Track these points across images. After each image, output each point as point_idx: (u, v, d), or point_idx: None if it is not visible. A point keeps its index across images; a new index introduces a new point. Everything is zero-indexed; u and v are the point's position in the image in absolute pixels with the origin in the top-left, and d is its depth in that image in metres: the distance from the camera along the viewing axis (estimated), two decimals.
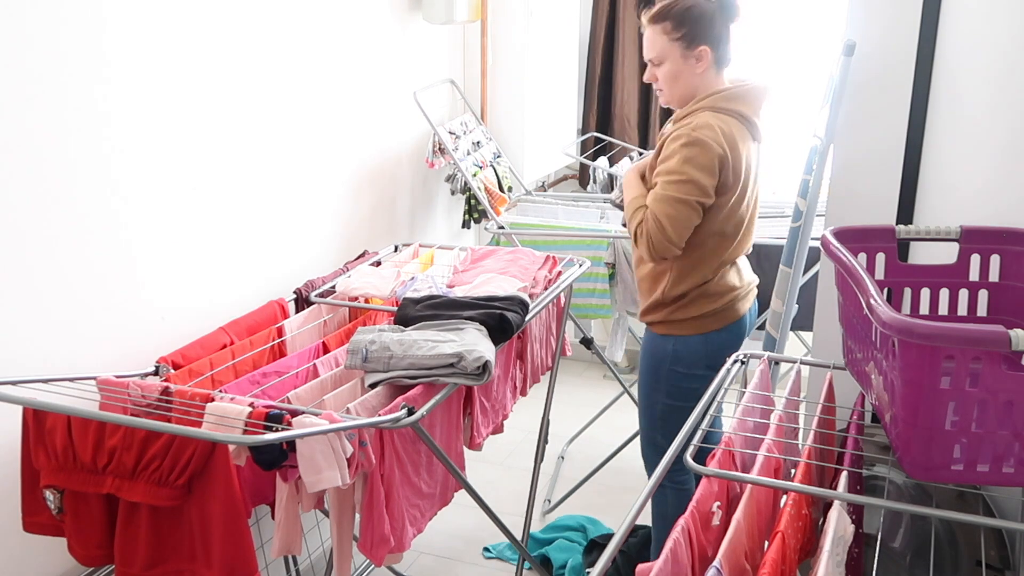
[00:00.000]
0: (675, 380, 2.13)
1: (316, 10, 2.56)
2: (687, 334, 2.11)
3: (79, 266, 1.87)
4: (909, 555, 1.50)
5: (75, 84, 1.81)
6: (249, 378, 1.92)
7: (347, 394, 1.85)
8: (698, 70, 2.01)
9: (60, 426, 1.57)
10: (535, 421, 2.56)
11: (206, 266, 2.21)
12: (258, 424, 1.53)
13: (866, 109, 1.88)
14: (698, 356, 2.11)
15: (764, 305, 2.40)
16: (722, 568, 1.05)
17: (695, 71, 2.01)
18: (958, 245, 1.43)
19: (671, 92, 2.06)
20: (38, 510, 1.66)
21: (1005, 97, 1.50)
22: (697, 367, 2.10)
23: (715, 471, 1.25)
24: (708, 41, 1.99)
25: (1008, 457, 1.12)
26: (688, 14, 1.98)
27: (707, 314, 2.09)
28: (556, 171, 3.98)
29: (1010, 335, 1.03)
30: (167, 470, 1.52)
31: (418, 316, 1.97)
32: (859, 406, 1.46)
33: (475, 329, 1.91)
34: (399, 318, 2.00)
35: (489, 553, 2.75)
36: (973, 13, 1.65)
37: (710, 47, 1.99)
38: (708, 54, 1.99)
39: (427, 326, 1.93)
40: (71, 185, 1.83)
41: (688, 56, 2.00)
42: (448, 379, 1.78)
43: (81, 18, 1.80)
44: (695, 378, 2.10)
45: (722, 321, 2.12)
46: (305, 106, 2.55)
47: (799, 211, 2.15)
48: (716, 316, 2.10)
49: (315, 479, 1.54)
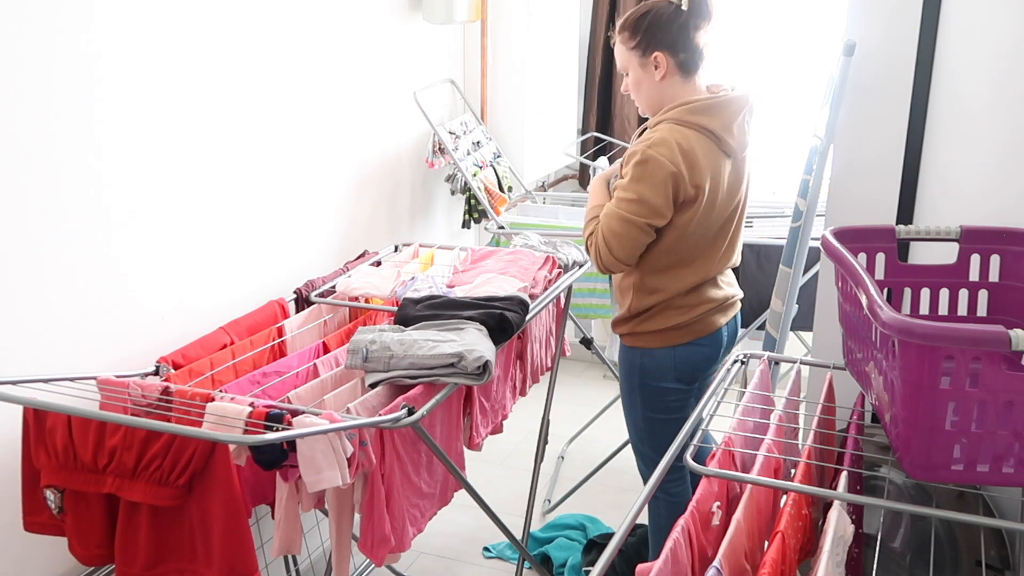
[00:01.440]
0: (648, 393, 2.10)
1: (316, 10, 2.56)
2: (653, 347, 2.07)
3: (79, 266, 1.87)
4: (909, 555, 1.50)
5: (75, 85, 1.81)
6: (249, 378, 1.92)
7: (347, 394, 1.85)
8: (657, 77, 1.97)
9: (61, 426, 1.57)
10: (535, 421, 2.56)
11: (206, 266, 2.21)
12: (258, 424, 1.53)
13: (866, 109, 1.88)
14: (666, 369, 2.07)
15: (764, 306, 2.40)
16: (722, 568, 1.05)
17: (655, 79, 1.97)
18: (958, 245, 1.43)
19: (638, 101, 2.05)
20: (38, 510, 1.66)
21: (1005, 97, 1.50)
22: (666, 379, 2.07)
23: (715, 471, 1.25)
24: (663, 47, 1.94)
25: (1008, 457, 1.12)
26: (641, 22, 1.96)
27: (673, 327, 2.04)
28: (556, 171, 3.98)
29: (1010, 335, 1.03)
30: (168, 470, 1.52)
31: (418, 316, 1.97)
32: (859, 406, 1.47)
33: (475, 329, 1.91)
34: (399, 318, 2.00)
35: (489, 553, 2.75)
36: (973, 13, 1.65)
37: (667, 53, 1.94)
38: (665, 60, 1.94)
39: (427, 326, 1.93)
40: (73, 185, 1.83)
41: (645, 64, 1.97)
42: (448, 379, 1.78)
43: (81, 21, 1.81)
44: (667, 391, 2.08)
45: (691, 334, 2.06)
46: (305, 106, 2.55)
47: (799, 211, 2.15)
48: (684, 329, 2.05)
49: (316, 479, 1.54)
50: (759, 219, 3.13)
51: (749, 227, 3.08)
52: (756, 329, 3.02)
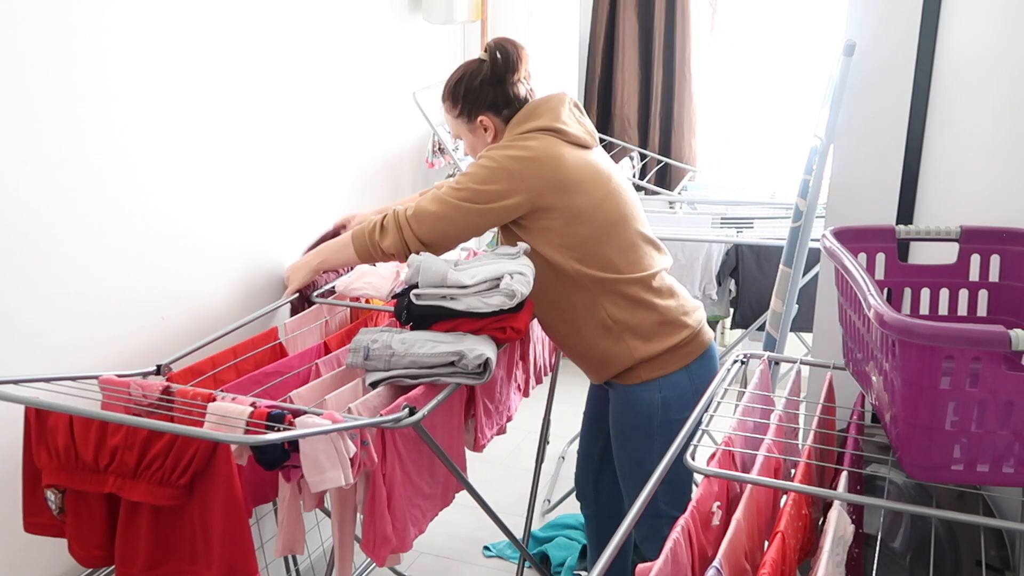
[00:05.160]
0: (672, 430, 1.84)
1: (316, 10, 2.56)
2: (671, 372, 1.92)
3: (82, 265, 1.87)
4: (909, 555, 1.50)
5: (76, 88, 1.81)
6: (251, 378, 1.92)
7: (348, 394, 1.85)
8: (488, 137, 1.97)
9: (62, 425, 1.57)
10: (535, 421, 2.56)
11: (207, 265, 2.21)
12: (260, 424, 1.53)
13: (866, 109, 1.88)
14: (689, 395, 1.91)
15: (764, 306, 2.40)
16: (722, 568, 1.05)
17: (486, 139, 1.97)
18: (958, 245, 1.44)
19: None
20: (39, 510, 1.66)
21: (1005, 97, 1.50)
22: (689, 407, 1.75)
23: (715, 471, 1.25)
24: (485, 110, 1.94)
25: (1008, 457, 1.12)
26: (458, 89, 1.95)
27: (683, 342, 1.92)
28: None
29: (1010, 335, 1.03)
30: (169, 470, 1.52)
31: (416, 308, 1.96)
32: (859, 406, 1.47)
33: None
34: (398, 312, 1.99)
35: (489, 552, 2.76)
36: (973, 13, 1.65)
37: (490, 114, 1.95)
38: (491, 121, 1.95)
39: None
40: (75, 186, 1.83)
41: (475, 128, 1.97)
42: (449, 379, 1.77)
43: (76, 26, 1.81)
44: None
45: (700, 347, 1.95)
46: (305, 107, 2.55)
47: (799, 211, 2.16)
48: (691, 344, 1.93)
49: (319, 479, 1.54)
50: (759, 219, 3.14)
51: (749, 227, 3.09)
52: (756, 329, 3.03)
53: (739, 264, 3.01)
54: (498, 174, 1.84)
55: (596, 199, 1.87)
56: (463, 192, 1.87)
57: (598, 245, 1.87)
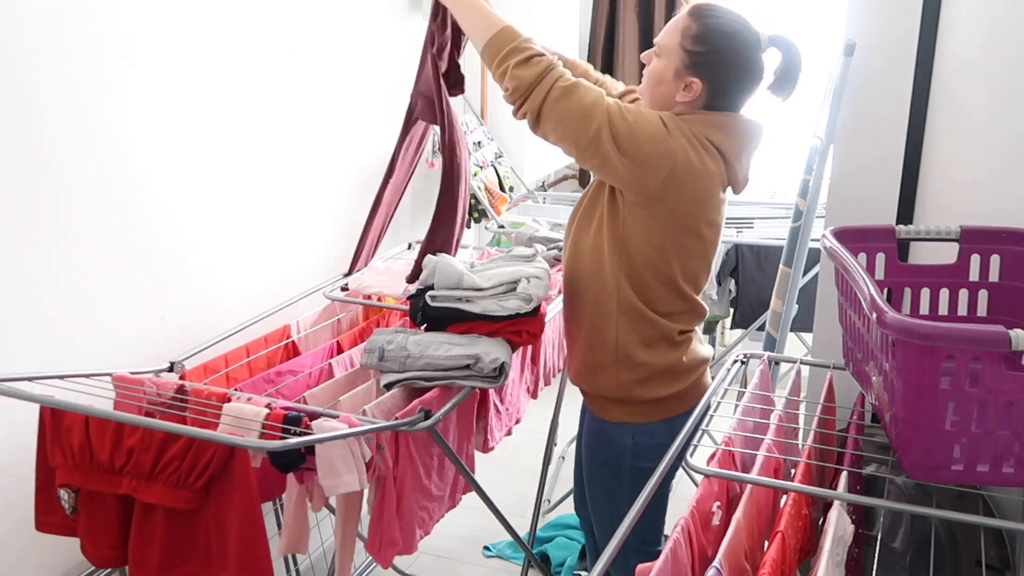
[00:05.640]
0: (640, 476, 1.71)
1: (316, 10, 2.56)
2: (650, 421, 1.77)
3: (93, 266, 1.87)
4: (909, 555, 1.50)
5: (81, 93, 1.81)
6: (264, 376, 1.91)
7: (362, 395, 1.83)
8: (678, 97, 1.66)
9: (77, 425, 1.55)
10: (535, 422, 2.56)
11: (209, 267, 2.21)
12: (276, 426, 1.51)
13: (866, 109, 1.88)
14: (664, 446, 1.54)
15: (764, 306, 2.40)
16: (722, 568, 1.05)
17: (675, 94, 1.66)
18: (958, 245, 1.43)
19: (644, 90, 1.73)
20: (51, 509, 1.64)
21: (1005, 97, 1.50)
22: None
23: (715, 471, 1.25)
24: (706, 79, 1.64)
25: (1008, 457, 1.12)
26: (713, 37, 1.63)
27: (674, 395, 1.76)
28: (556, 171, 3.98)
29: (1010, 335, 1.03)
30: (186, 472, 1.50)
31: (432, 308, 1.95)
32: (859, 406, 1.47)
33: None
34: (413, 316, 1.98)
35: (489, 552, 2.76)
36: (973, 13, 1.65)
37: (705, 86, 1.64)
38: (699, 89, 1.64)
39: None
40: (80, 187, 1.83)
41: (680, 76, 1.65)
42: (464, 381, 1.75)
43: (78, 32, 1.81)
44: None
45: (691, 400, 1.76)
46: (305, 107, 2.55)
47: (799, 211, 2.16)
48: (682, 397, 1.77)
49: (334, 483, 1.52)
50: (759, 219, 3.14)
51: (749, 227, 3.09)
52: (756, 329, 3.03)
53: (739, 264, 3.01)
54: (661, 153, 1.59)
55: (706, 244, 1.72)
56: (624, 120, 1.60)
57: (663, 276, 1.70)
